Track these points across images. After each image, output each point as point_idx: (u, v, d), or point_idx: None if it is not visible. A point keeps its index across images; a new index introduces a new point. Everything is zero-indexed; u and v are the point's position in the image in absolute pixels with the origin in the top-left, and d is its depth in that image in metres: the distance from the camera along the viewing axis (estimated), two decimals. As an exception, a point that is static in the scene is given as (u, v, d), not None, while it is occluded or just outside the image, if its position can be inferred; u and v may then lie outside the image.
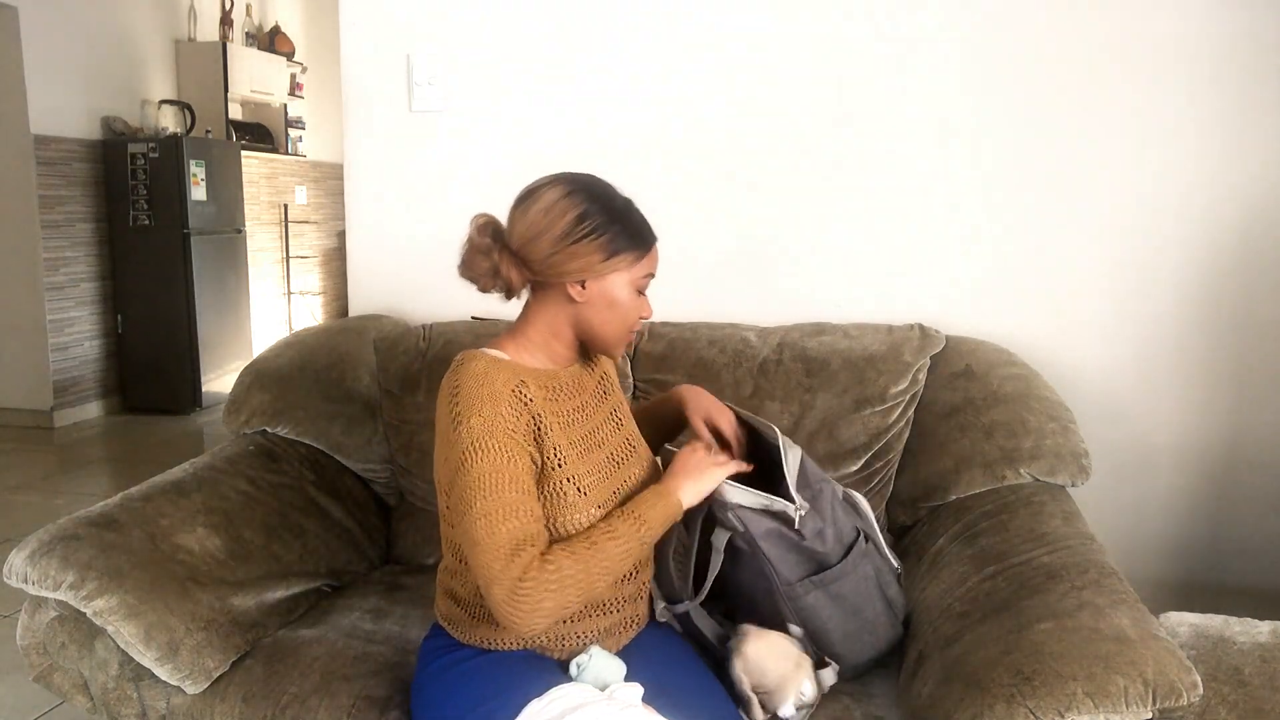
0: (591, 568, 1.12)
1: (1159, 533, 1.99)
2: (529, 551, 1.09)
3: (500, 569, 1.07)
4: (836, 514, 1.37)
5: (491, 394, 1.14)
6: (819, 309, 1.96)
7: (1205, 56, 1.81)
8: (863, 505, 1.47)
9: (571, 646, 1.25)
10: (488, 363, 1.18)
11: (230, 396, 1.91)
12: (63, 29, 4.55)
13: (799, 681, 1.25)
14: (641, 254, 1.21)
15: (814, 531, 1.33)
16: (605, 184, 1.23)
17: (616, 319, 1.23)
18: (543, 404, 1.19)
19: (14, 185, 4.46)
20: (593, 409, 1.30)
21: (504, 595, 1.07)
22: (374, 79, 2.15)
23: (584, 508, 1.18)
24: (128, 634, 1.33)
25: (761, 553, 1.32)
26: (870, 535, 1.43)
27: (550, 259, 1.17)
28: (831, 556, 1.35)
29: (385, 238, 2.21)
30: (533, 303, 1.26)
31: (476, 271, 1.22)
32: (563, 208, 1.17)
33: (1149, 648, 1.08)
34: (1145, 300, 1.91)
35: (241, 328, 5.35)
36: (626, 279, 1.21)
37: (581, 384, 1.30)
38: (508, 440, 1.13)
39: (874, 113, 1.94)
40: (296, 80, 6.42)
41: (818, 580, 1.34)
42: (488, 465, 1.11)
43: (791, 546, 1.33)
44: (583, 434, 1.25)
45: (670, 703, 1.16)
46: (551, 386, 1.23)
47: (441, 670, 1.25)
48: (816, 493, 1.35)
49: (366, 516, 1.87)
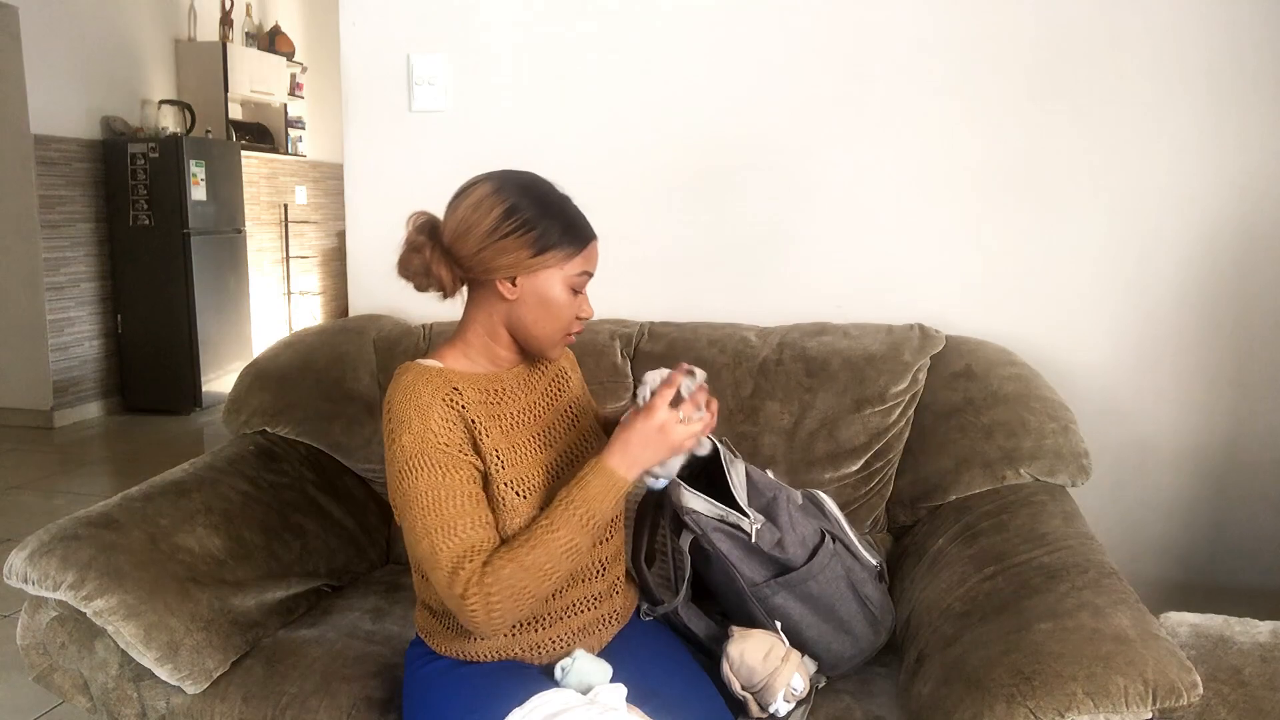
0: (533, 569, 1.10)
1: (1159, 533, 1.99)
2: (469, 566, 1.09)
3: (446, 585, 1.09)
4: (794, 520, 1.37)
5: (419, 408, 1.13)
6: (819, 309, 1.96)
7: (1207, 55, 1.81)
8: (828, 505, 1.46)
9: (550, 652, 1.24)
10: (416, 374, 1.17)
11: (230, 396, 1.92)
12: (63, 29, 4.56)
13: (788, 676, 1.25)
14: (574, 250, 1.18)
15: (771, 542, 1.33)
16: (540, 179, 1.21)
17: (550, 318, 1.19)
18: (479, 409, 1.18)
19: (14, 185, 4.46)
20: (543, 408, 1.28)
21: (456, 608, 1.09)
22: (374, 79, 2.15)
23: (525, 510, 1.16)
24: (128, 634, 1.33)
25: (723, 554, 1.32)
26: (838, 536, 1.42)
27: (479, 255, 1.16)
28: (795, 561, 1.35)
29: (385, 238, 2.17)
30: (469, 304, 1.24)
31: (410, 269, 1.21)
32: (491, 203, 1.16)
33: (1149, 648, 1.08)
34: (1145, 300, 1.91)
35: (241, 328, 5.35)
36: (559, 276, 1.18)
37: (529, 384, 1.28)
38: (440, 455, 1.12)
39: (874, 112, 1.94)
40: (296, 80, 6.43)
41: (783, 582, 1.34)
42: (423, 483, 1.11)
43: (751, 550, 1.34)
44: (529, 435, 1.23)
45: (659, 704, 1.15)
46: (491, 390, 1.22)
47: (424, 680, 1.25)
48: (770, 500, 1.35)
49: (366, 516, 1.87)
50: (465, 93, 2.11)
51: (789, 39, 1.95)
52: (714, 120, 2.01)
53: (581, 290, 1.22)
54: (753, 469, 1.39)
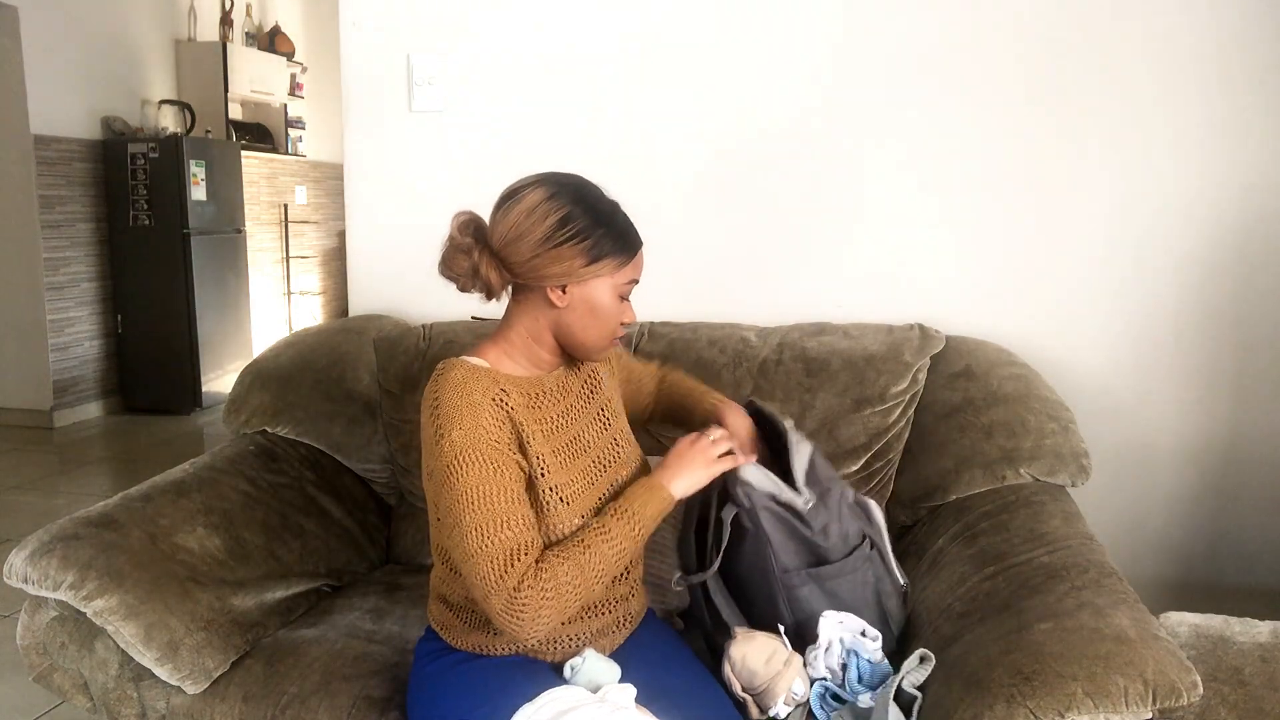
0: (587, 570, 1.12)
1: (1159, 533, 1.99)
2: (523, 561, 1.08)
3: (496, 580, 1.07)
4: (843, 514, 1.37)
5: (471, 404, 1.13)
6: (819, 309, 1.96)
7: (1208, 56, 1.81)
8: (876, 514, 1.45)
9: (565, 649, 1.24)
10: (466, 371, 1.16)
11: (230, 396, 1.92)
12: (63, 29, 4.55)
13: (790, 680, 1.25)
14: (626, 259, 1.18)
15: (820, 525, 1.33)
16: (591, 185, 1.20)
17: (598, 325, 1.20)
18: (524, 412, 1.18)
19: (14, 185, 4.46)
20: (578, 412, 1.28)
21: (502, 606, 1.07)
22: (374, 79, 2.15)
23: (567, 517, 1.17)
24: (128, 634, 1.33)
25: (764, 533, 1.31)
26: (877, 544, 1.41)
27: (531, 262, 1.15)
28: (833, 553, 1.35)
29: (385, 238, 2.21)
30: (514, 306, 1.23)
31: (456, 270, 1.19)
32: (545, 210, 1.14)
33: (1149, 648, 1.07)
34: (1145, 300, 1.91)
35: (241, 328, 5.35)
36: (609, 284, 1.18)
37: (566, 388, 1.28)
38: (492, 451, 1.12)
39: (874, 113, 1.94)
40: (296, 80, 6.42)
41: (814, 573, 1.34)
42: (474, 478, 1.10)
43: (793, 534, 1.33)
44: (566, 440, 1.23)
45: (667, 704, 1.15)
46: (534, 394, 1.22)
47: (435, 674, 1.25)
48: (825, 490, 1.35)
49: (366, 516, 1.87)
50: (465, 93, 2.11)
51: (788, 43, 1.95)
52: (714, 122, 2.01)
53: (627, 297, 1.22)
54: (819, 456, 1.38)
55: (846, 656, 1.29)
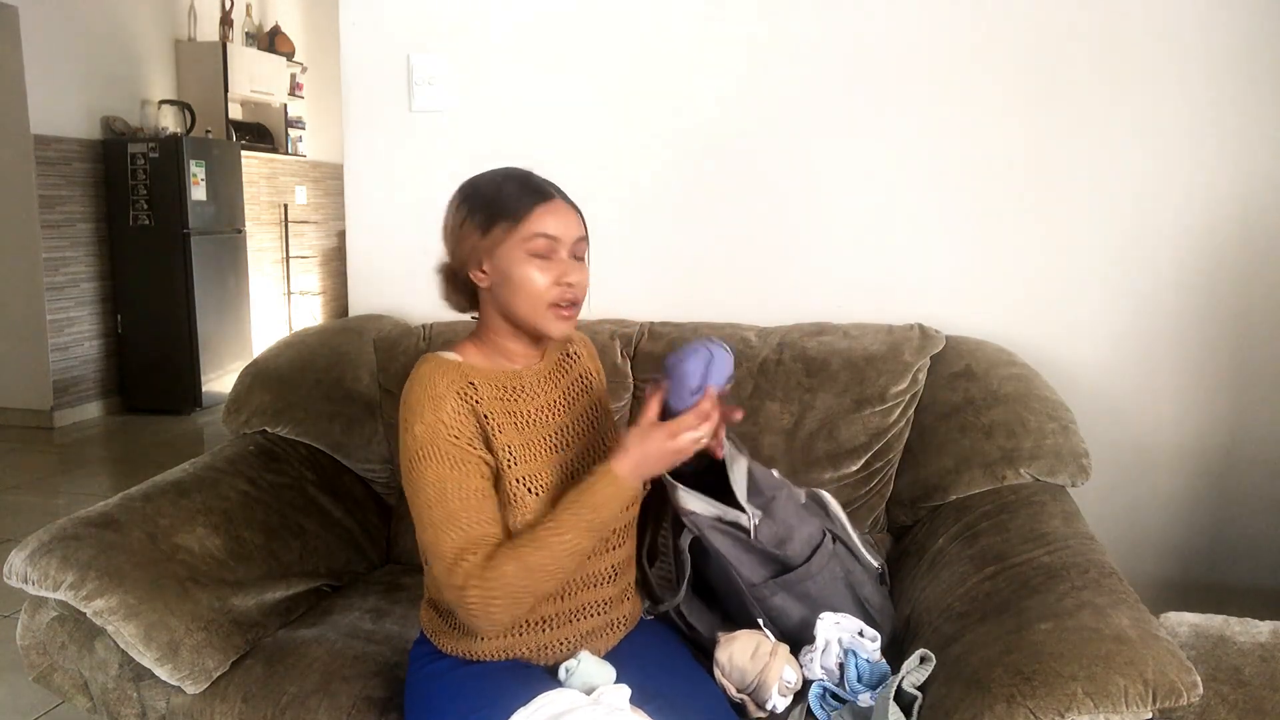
0: (536, 567, 1.11)
1: (1159, 533, 1.98)
2: (470, 560, 1.10)
3: (445, 577, 1.11)
4: (798, 517, 1.37)
5: (433, 398, 1.15)
6: (819, 309, 1.96)
7: (1205, 53, 1.81)
8: (832, 506, 1.46)
9: (555, 654, 1.24)
10: (434, 366, 1.19)
11: (230, 396, 1.92)
12: (63, 29, 4.56)
13: (779, 670, 1.25)
14: (519, 216, 1.16)
15: (772, 540, 1.33)
16: (502, 169, 1.24)
17: (523, 292, 1.17)
18: (493, 404, 1.19)
19: (14, 185, 4.46)
20: (562, 408, 1.28)
21: (454, 601, 1.12)
22: (374, 79, 2.15)
23: (535, 507, 1.17)
24: (128, 634, 1.33)
25: (722, 555, 1.33)
26: (839, 536, 1.42)
27: (454, 255, 1.23)
28: (795, 559, 1.35)
29: (385, 238, 2.21)
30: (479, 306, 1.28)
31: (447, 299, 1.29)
32: (453, 203, 1.23)
33: (1149, 648, 1.07)
34: (1145, 300, 1.91)
35: (241, 328, 5.35)
36: (516, 248, 1.16)
37: (550, 383, 1.29)
38: (449, 446, 1.14)
39: (875, 113, 1.94)
40: (296, 80, 6.43)
41: (781, 582, 1.34)
42: (431, 474, 1.13)
43: (749, 548, 1.34)
44: (545, 433, 1.24)
45: (662, 705, 1.15)
46: (509, 386, 1.23)
47: (427, 679, 1.25)
48: (769, 500, 1.35)
49: (366, 516, 1.87)
50: (465, 93, 2.11)
51: (790, 41, 1.95)
52: (715, 121, 2.01)
53: (552, 255, 1.17)
54: (756, 467, 1.38)
55: (844, 656, 1.29)
